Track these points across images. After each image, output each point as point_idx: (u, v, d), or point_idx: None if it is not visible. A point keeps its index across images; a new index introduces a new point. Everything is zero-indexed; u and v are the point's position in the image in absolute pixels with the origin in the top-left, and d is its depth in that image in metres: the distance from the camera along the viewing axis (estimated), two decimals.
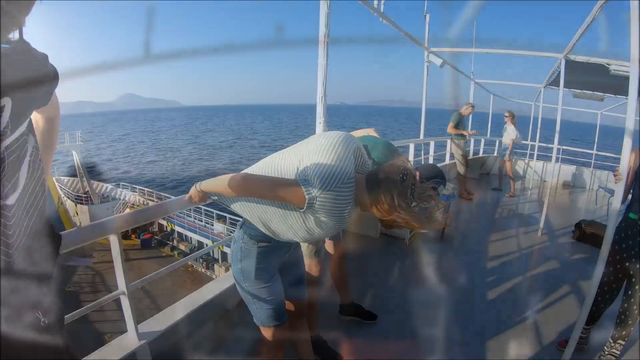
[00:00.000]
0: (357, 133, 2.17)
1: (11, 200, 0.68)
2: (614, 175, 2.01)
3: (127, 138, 66.26)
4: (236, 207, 1.39)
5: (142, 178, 29.83)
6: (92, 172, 23.16)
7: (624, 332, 2.11)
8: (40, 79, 0.74)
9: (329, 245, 2.39)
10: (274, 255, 1.46)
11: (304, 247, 2.02)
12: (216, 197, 1.42)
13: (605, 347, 2.21)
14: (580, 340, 2.21)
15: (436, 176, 1.95)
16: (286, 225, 1.31)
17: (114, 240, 1.42)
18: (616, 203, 1.89)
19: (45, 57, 0.73)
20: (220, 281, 2.29)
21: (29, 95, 0.71)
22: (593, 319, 2.26)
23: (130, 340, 1.62)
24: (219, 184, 1.31)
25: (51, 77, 0.77)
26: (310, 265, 2.09)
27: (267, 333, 1.48)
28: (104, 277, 13.96)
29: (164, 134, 73.59)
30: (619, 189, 1.90)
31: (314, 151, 1.23)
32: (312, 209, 1.19)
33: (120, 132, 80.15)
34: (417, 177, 1.18)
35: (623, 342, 2.14)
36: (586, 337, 2.34)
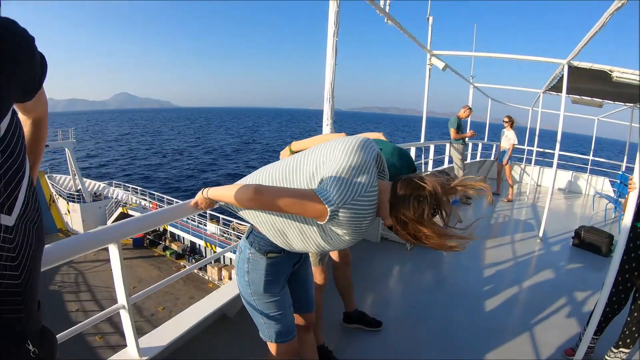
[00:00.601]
0: (367, 136, 2.09)
1: (15, 211, 0.60)
2: (628, 185, 1.97)
3: (126, 137, 65.50)
4: (245, 214, 1.30)
5: (150, 181, 29.30)
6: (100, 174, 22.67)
7: (628, 341, 2.09)
8: (27, 61, 0.62)
9: (333, 252, 2.33)
10: (284, 267, 1.37)
11: (309, 254, 1.95)
12: (223, 203, 1.33)
13: (607, 355, 2.18)
14: (587, 349, 2.18)
15: None
16: (300, 236, 1.21)
17: (113, 250, 1.32)
18: (628, 217, 1.84)
19: (32, 38, 0.61)
20: (222, 292, 2.20)
21: (13, 78, 0.58)
22: (600, 329, 2.23)
23: (130, 356, 1.52)
24: (228, 194, 1.20)
25: (38, 62, 0.65)
26: (315, 272, 2.03)
27: (274, 349, 1.38)
28: (85, 276, 13.72)
29: (165, 134, 72.99)
30: (631, 201, 1.85)
31: (334, 158, 1.13)
32: (332, 221, 1.09)
33: (119, 131, 79.26)
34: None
35: (627, 351, 2.11)
36: (593, 347, 2.32)
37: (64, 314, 11.12)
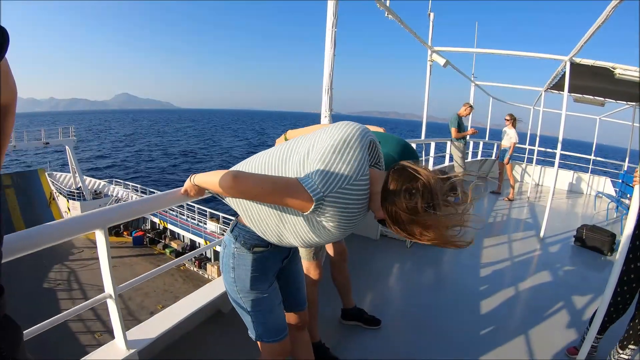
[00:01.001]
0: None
1: None
2: (633, 177, 1.93)
3: (132, 138, 65.39)
4: (231, 203, 1.23)
5: (165, 185, 28.94)
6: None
7: (632, 341, 2.03)
8: None
9: (328, 247, 2.28)
10: (272, 262, 1.28)
11: (302, 249, 1.89)
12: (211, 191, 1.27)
13: (611, 353, 2.14)
14: (591, 348, 2.14)
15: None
16: (286, 228, 1.14)
17: (100, 236, 1.27)
18: (633, 213, 1.79)
19: None
20: (215, 285, 2.16)
21: None
22: (604, 328, 2.19)
23: (118, 348, 1.47)
24: (211, 180, 1.13)
25: None
26: (308, 268, 1.97)
27: (264, 349, 1.30)
28: (77, 275, 13.72)
29: (172, 136, 72.93)
30: (636, 196, 1.80)
31: (322, 144, 1.05)
32: (318, 212, 1.01)
33: (124, 132, 79.18)
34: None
35: (631, 352, 2.07)
36: (596, 346, 2.28)
37: (58, 313, 11.11)
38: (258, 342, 1.31)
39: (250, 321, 1.28)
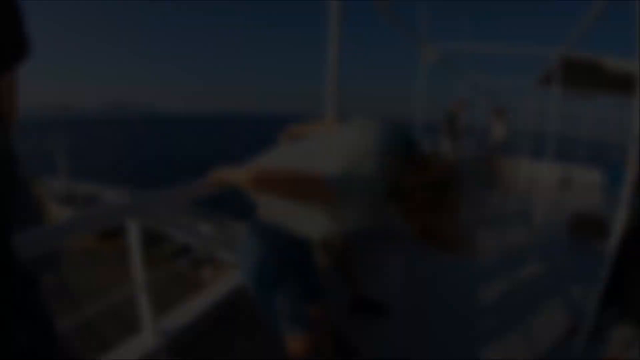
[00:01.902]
0: None
1: None
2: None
3: (133, 147, 63.55)
4: (251, 196, 1.26)
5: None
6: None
7: (632, 320, 2.10)
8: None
9: (337, 239, 2.33)
10: (290, 256, 1.30)
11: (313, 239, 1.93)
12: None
13: (610, 330, 2.21)
14: (590, 328, 2.21)
15: None
16: (307, 219, 1.14)
17: (131, 226, 1.30)
18: (624, 197, 1.88)
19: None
20: (228, 280, 2.19)
21: None
22: (604, 308, 2.26)
23: (146, 339, 1.49)
24: (232, 177, 1.16)
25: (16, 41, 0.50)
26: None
27: (291, 342, 1.30)
28: (71, 281, 13.57)
29: (176, 143, 71.02)
30: (626, 185, 1.88)
31: (345, 139, 1.09)
32: (340, 202, 1.04)
33: (122, 141, 76.97)
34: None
35: (632, 330, 2.14)
36: (595, 326, 2.34)
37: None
38: (284, 337, 1.31)
39: (273, 316, 1.28)
